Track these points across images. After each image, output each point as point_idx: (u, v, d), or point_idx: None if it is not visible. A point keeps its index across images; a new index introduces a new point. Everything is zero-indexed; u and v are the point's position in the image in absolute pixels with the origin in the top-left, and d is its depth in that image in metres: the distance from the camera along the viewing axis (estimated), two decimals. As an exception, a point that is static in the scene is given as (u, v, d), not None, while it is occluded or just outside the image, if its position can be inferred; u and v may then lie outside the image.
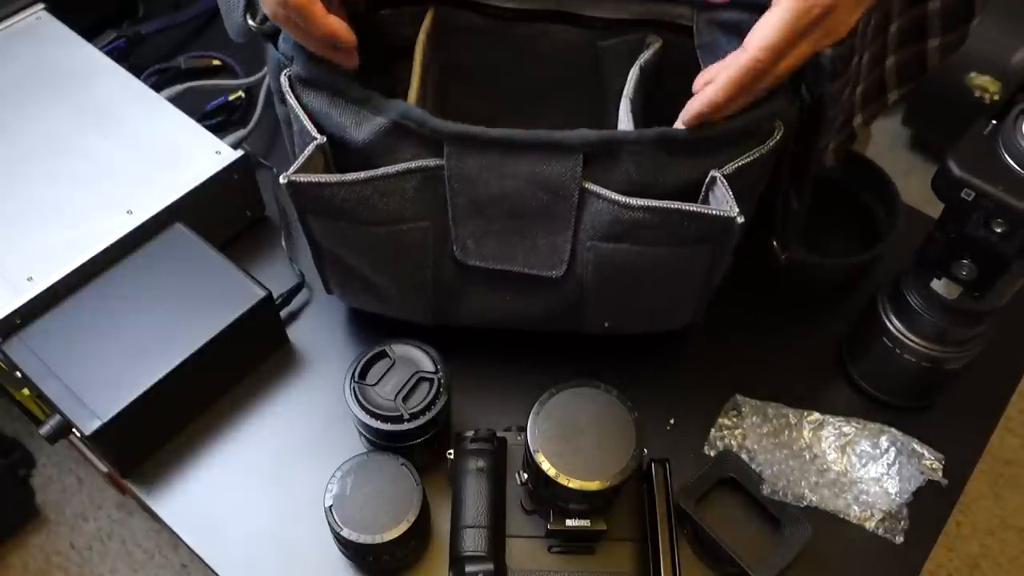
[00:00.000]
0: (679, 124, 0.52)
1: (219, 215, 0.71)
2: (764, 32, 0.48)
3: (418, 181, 0.54)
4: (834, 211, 0.74)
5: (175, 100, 0.75)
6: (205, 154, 0.70)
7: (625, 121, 0.58)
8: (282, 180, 0.52)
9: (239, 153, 0.70)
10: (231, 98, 0.83)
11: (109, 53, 0.79)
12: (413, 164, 0.53)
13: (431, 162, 0.53)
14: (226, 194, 0.70)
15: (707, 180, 0.53)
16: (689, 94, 0.53)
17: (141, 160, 0.69)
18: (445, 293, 0.62)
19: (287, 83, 0.55)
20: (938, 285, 0.58)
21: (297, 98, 0.55)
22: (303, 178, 0.52)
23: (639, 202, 0.52)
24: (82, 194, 0.67)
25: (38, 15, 0.80)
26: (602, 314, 0.63)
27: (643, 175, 0.53)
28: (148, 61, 0.85)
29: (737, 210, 0.51)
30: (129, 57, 0.86)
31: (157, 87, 0.77)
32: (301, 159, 0.53)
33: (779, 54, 0.48)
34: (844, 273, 0.73)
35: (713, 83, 0.50)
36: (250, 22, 0.55)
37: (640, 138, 0.52)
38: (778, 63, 0.48)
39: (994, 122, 0.53)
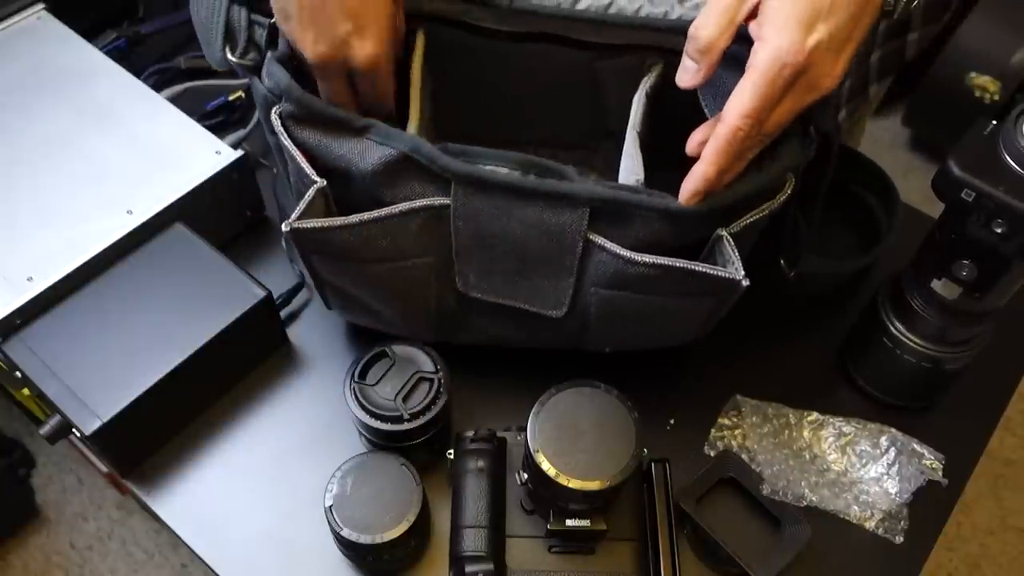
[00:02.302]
0: (680, 202, 0.51)
1: (219, 215, 0.71)
2: (739, 99, 0.46)
3: (422, 220, 0.53)
4: (834, 211, 0.74)
5: (175, 100, 0.75)
6: (205, 154, 0.70)
7: (632, 155, 0.57)
8: (284, 228, 0.51)
9: (239, 153, 0.70)
10: (231, 98, 0.83)
11: (109, 53, 0.78)
12: (417, 204, 0.52)
13: (436, 201, 0.52)
14: (226, 194, 0.70)
15: (713, 236, 0.53)
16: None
17: (141, 160, 0.69)
18: (447, 319, 0.61)
19: (279, 123, 0.52)
20: (938, 285, 0.58)
21: (292, 137, 0.53)
22: (305, 224, 0.51)
23: (644, 258, 0.51)
24: (82, 194, 0.67)
25: (38, 15, 0.79)
26: (603, 343, 0.63)
27: (649, 235, 0.52)
28: (148, 61, 0.85)
29: (743, 273, 0.51)
30: (129, 57, 0.85)
31: (157, 87, 0.77)
32: (302, 205, 0.51)
33: (758, 118, 0.47)
34: (845, 276, 0.73)
35: (701, 159, 0.49)
36: (229, 56, 0.54)
37: (648, 204, 0.51)
38: (760, 126, 0.48)
39: (994, 122, 0.53)
